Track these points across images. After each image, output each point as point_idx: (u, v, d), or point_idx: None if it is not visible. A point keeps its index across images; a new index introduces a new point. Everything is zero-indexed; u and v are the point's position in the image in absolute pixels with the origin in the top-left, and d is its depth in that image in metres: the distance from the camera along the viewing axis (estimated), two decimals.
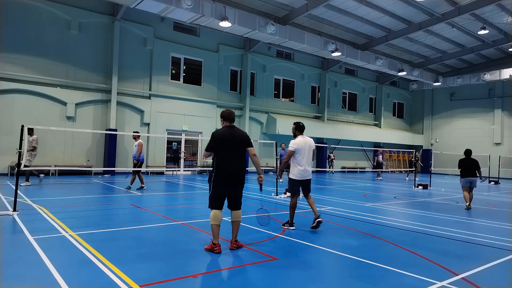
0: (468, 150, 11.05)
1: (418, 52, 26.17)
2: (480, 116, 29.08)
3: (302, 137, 6.67)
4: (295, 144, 6.53)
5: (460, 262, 5.01)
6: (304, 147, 6.53)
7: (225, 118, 5.23)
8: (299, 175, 6.52)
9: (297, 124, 6.81)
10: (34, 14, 15.47)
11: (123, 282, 3.76)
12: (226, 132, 5.11)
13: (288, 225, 6.65)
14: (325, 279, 4.23)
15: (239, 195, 5.26)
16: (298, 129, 6.75)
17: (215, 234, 5.01)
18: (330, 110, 27.06)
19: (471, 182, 10.50)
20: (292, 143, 6.56)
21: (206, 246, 5.10)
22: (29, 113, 15.19)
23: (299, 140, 6.57)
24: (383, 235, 6.45)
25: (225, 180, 5.03)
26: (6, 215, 6.87)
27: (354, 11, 19.91)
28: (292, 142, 6.60)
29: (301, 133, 6.73)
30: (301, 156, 6.52)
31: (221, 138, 5.06)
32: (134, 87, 18.22)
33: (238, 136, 5.15)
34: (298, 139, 6.60)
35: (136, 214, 7.85)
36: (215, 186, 5.07)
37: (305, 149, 6.53)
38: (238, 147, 5.12)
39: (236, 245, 5.18)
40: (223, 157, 5.03)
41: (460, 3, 18.80)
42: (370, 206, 10.13)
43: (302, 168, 6.51)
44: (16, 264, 4.22)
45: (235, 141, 5.09)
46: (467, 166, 10.62)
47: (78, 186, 12.59)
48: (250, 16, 17.31)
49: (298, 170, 6.52)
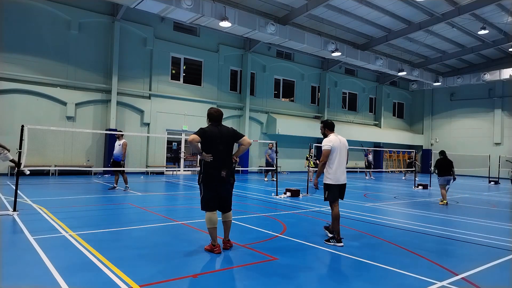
0: (443, 151, 11.82)
1: (418, 52, 26.17)
2: (480, 116, 29.07)
3: (335, 135, 5.88)
4: (330, 141, 5.73)
5: (460, 262, 5.01)
6: (339, 146, 5.76)
7: (211, 117, 5.12)
8: (336, 178, 5.72)
9: (325, 122, 6.03)
10: (34, 14, 15.47)
11: (123, 282, 3.76)
12: (214, 129, 4.99)
13: (334, 241, 5.61)
14: (325, 279, 4.23)
15: (230, 195, 5.19)
16: (327, 126, 5.97)
17: (213, 236, 4.98)
18: (330, 110, 27.06)
19: (448, 181, 11.26)
20: (327, 141, 5.77)
21: (206, 247, 5.09)
22: (29, 113, 15.19)
23: (333, 138, 5.79)
24: (383, 235, 6.45)
25: (215, 179, 4.93)
26: (6, 215, 6.87)
27: (354, 11, 19.91)
28: (326, 140, 5.81)
29: (332, 131, 5.95)
30: (336, 156, 5.73)
31: (211, 135, 4.90)
32: (134, 87, 18.22)
33: (225, 133, 5.04)
34: (332, 136, 5.82)
35: (136, 214, 7.85)
36: (206, 187, 4.96)
37: (340, 148, 5.77)
38: (227, 145, 5.01)
39: (230, 244, 5.20)
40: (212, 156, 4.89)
41: (460, 3, 18.80)
42: (370, 206, 10.12)
43: (339, 170, 5.74)
44: (16, 264, 4.22)
45: (222, 138, 4.97)
46: (444, 166, 11.32)
47: (78, 186, 12.59)
48: (250, 16, 17.31)
49: (334, 173, 5.72)
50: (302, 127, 23.99)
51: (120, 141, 11.52)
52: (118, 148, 11.50)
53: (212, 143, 4.90)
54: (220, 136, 4.96)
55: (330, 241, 5.68)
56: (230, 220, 5.20)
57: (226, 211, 5.16)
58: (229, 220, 5.20)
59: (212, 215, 4.98)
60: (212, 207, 5.00)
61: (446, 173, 11.22)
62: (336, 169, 5.70)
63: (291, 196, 11.29)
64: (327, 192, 5.81)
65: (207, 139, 4.88)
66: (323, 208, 9.23)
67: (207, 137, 4.88)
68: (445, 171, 11.23)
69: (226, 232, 5.21)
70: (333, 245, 5.55)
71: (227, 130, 5.10)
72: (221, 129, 5.06)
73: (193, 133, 4.89)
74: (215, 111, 5.16)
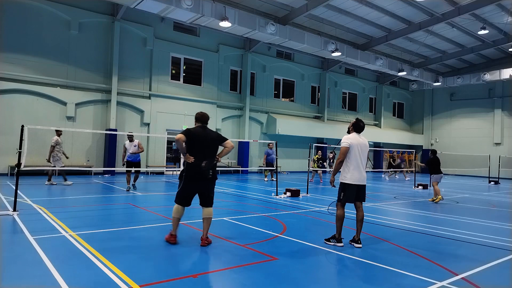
0: (435, 150, 12.44)
1: (418, 52, 26.17)
2: (480, 116, 29.06)
3: (356, 134, 5.75)
4: (348, 139, 5.62)
5: (460, 262, 5.01)
6: (357, 145, 5.60)
7: (198, 119, 5.44)
8: (354, 178, 5.55)
9: (357, 122, 5.82)
10: (34, 14, 15.46)
11: (123, 282, 3.76)
12: (199, 131, 5.30)
13: (335, 241, 5.61)
14: (325, 279, 4.23)
15: (211, 192, 5.38)
16: (354, 126, 5.81)
17: (174, 226, 5.34)
18: (330, 110, 27.06)
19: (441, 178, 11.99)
20: (345, 138, 5.67)
21: (166, 236, 5.41)
22: (29, 113, 15.19)
23: (353, 136, 5.68)
24: (383, 235, 6.46)
25: (196, 178, 5.20)
26: (6, 215, 6.87)
27: (354, 11, 19.91)
28: (345, 137, 5.73)
29: (357, 132, 5.78)
30: (356, 155, 5.59)
31: (196, 135, 5.21)
32: (134, 87, 18.21)
33: (210, 135, 5.35)
34: (352, 135, 5.72)
35: (136, 214, 7.85)
36: (185, 184, 5.26)
37: (359, 147, 5.61)
38: (211, 146, 5.29)
39: (207, 242, 5.28)
40: (195, 155, 5.16)
41: (460, 3, 18.80)
42: (370, 206, 10.12)
43: (357, 169, 5.57)
44: (16, 264, 4.22)
45: (207, 140, 5.26)
46: (437, 164, 11.97)
47: (78, 186, 12.59)
48: (250, 16, 17.31)
49: (352, 172, 5.56)
50: (302, 127, 24.00)
51: (135, 142, 11.55)
52: (134, 149, 11.46)
53: (196, 143, 5.19)
54: (205, 137, 5.26)
55: (330, 240, 5.67)
56: (210, 217, 5.36)
57: (205, 205, 5.36)
58: (209, 218, 5.35)
59: (181, 208, 5.34)
60: (183, 203, 5.33)
61: (439, 171, 11.91)
62: (354, 169, 5.55)
63: (291, 196, 11.29)
64: (342, 193, 5.66)
65: (192, 139, 5.18)
66: (323, 208, 9.23)
67: (192, 137, 5.18)
68: (438, 169, 11.92)
69: (205, 230, 5.34)
70: (333, 245, 5.55)
71: (212, 133, 5.43)
72: (207, 131, 5.37)
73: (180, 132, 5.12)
74: (201, 114, 5.47)
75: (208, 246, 5.27)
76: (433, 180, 11.96)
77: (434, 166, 11.95)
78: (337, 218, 5.70)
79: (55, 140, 12.33)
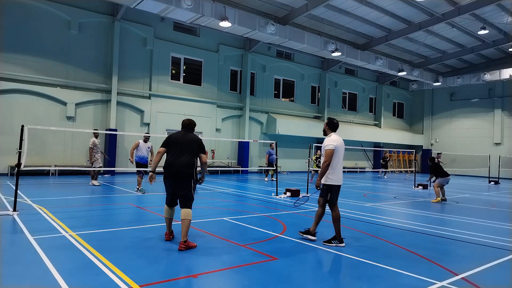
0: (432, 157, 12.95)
1: (418, 52, 26.17)
2: (480, 116, 29.06)
3: (337, 135, 5.76)
4: (334, 141, 5.59)
5: (460, 262, 5.01)
6: (341, 147, 5.65)
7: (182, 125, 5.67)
8: (338, 178, 5.61)
9: (331, 121, 5.86)
10: (34, 14, 15.46)
11: (123, 282, 3.76)
12: (178, 134, 5.51)
13: (337, 242, 5.56)
14: (325, 279, 4.23)
15: (184, 192, 5.28)
16: (331, 126, 5.82)
17: (166, 224, 5.61)
18: (330, 110, 27.05)
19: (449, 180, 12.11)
20: (331, 141, 5.60)
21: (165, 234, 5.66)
22: (29, 113, 15.19)
23: (336, 138, 5.67)
24: (383, 235, 6.45)
25: (168, 176, 5.34)
26: (6, 215, 6.87)
27: (354, 11, 19.91)
28: (329, 139, 5.65)
29: (334, 131, 5.81)
30: (339, 156, 5.62)
31: (173, 138, 5.46)
32: (134, 87, 18.21)
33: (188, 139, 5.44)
34: (334, 136, 5.70)
35: (136, 214, 7.85)
36: (164, 184, 5.47)
37: (341, 149, 5.67)
38: (185, 147, 5.34)
39: (185, 246, 5.01)
40: (169, 155, 5.37)
41: (460, 3, 18.80)
42: (370, 206, 10.12)
43: (340, 170, 5.64)
44: (16, 264, 4.22)
45: (183, 141, 5.38)
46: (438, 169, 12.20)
47: (78, 186, 12.59)
48: (250, 16, 17.31)
49: (337, 173, 5.60)
50: (302, 127, 23.99)
51: (149, 144, 11.51)
52: (146, 151, 11.38)
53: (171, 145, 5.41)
54: (181, 141, 5.38)
55: (331, 242, 5.59)
56: (186, 219, 5.15)
57: (181, 206, 5.29)
58: (185, 219, 5.14)
59: (167, 208, 5.55)
60: (168, 203, 5.53)
61: (443, 175, 11.96)
62: (338, 170, 5.62)
63: (291, 196, 11.29)
64: (329, 194, 5.67)
65: (169, 143, 5.43)
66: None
67: (170, 141, 5.44)
68: (442, 173, 12.02)
69: (182, 232, 5.09)
70: (335, 246, 5.51)
71: (192, 138, 5.49)
72: (186, 135, 5.48)
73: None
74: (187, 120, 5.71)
75: (208, 246, 5.25)
76: (436, 182, 11.98)
77: (436, 171, 12.11)
78: (334, 219, 5.65)
79: (92, 142, 12.45)
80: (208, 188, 13.18)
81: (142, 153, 11.35)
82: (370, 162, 30.32)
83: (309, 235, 5.87)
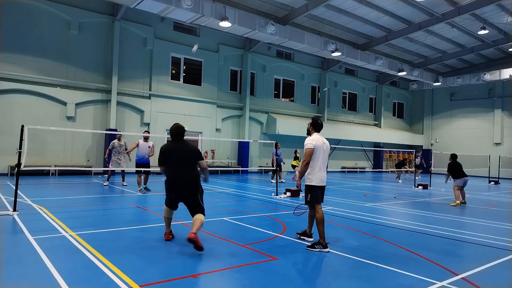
0: (456, 155, 11.95)
1: (418, 52, 26.17)
2: (480, 116, 29.07)
3: (319, 135, 5.77)
4: (313, 140, 5.59)
5: (460, 262, 5.02)
6: (321, 146, 5.61)
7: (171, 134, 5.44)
8: (319, 179, 5.55)
9: (315, 120, 5.89)
10: (34, 14, 15.46)
11: (123, 282, 3.76)
12: (173, 146, 5.38)
13: (320, 247, 5.27)
14: (325, 279, 4.23)
15: (192, 204, 5.28)
16: (314, 126, 5.83)
17: (166, 224, 5.62)
18: (330, 110, 27.06)
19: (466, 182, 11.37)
20: (310, 140, 5.63)
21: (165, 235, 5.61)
22: (29, 113, 15.19)
23: (317, 137, 5.67)
24: (383, 235, 6.45)
25: (171, 188, 5.36)
26: (6, 215, 6.87)
27: (354, 11, 19.90)
28: (309, 139, 5.68)
29: (317, 132, 5.81)
30: (319, 156, 5.59)
31: (168, 152, 5.34)
32: (134, 87, 18.21)
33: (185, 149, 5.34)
34: (315, 136, 5.72)
35: (136, 214, 7.85)
36: (166, 190, 5.49)
37: (322, 149, 5.62)
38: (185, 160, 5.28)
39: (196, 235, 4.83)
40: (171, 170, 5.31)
41: (460, 3, 18.80)
42: (370, 206, 10.13)
43: (322, 171, 5.57)
44: (16, 264, 4.22)
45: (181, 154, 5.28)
46: (457, 168, 11.47)
47: (78, 186, 12.59)
48: (250, 16, 17.31)
49: (317, 174, 5.54)
50: (302, 127, 23.78)
51: (150, 143, 11.37)
52: (146, 150, 11.24)
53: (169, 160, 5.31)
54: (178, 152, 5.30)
55: (315, 246, 5.29)
56: (199, 219, 5.14)
57: (193, 214, 5.27)
58: (198, 219, 5.14)
59: (167, 208, 5.55)
60: (169, 205, 5.52)
61: (460, 175, 11.32)
62: (319, 170, 5.54)
63: (291, 196, 11.29)
64: (309, 195, 5.58)
65: (165, 155, 5.35)
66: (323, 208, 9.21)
67: (166, 156, 5.34)
68: (460, 173, 11.36)
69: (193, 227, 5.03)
70: (318, 251, 5.23)
71: (189, 148, 5.37)
72: (182, 146, 5.36)
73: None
74: (174, 128, 5.44)
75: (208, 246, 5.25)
76: (454, 184, 11.41)
77: (454, 171, 11.48)
78: (317, 221, 5.44)
79: (111, 144, 12.52)
80: (208, 188, 13.18)
81: (141, 153, 11.26)
82: (370, 162, 30.32)
83: (305, 236, 5.88)
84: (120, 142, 12.53)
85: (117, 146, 12.52)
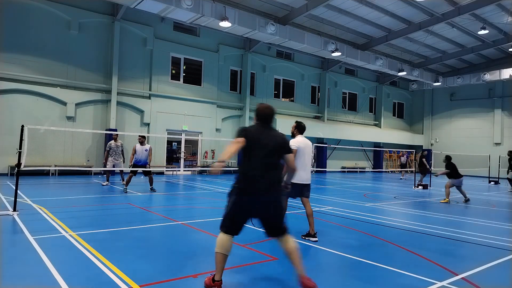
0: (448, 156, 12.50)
1: (418, 52, 26.17)
2: (480, 116, 29.06)
3: (302, 137, 6.25)
4: (297, 142, 6.05)
5: (460, 262, 5.01)
6: (305, 148, 6.11)
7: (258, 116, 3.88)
8: (299, 177, 5.88)
9: (298, 123, 6.34)
10: (34, 14, 15.46)
11: (123, 282, 3.76)
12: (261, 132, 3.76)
13: (310, 237, 5.94)
14: (325, 279, 4.22)
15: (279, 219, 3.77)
16: (298, 128, 6.27)
17: (217, 267, 3.67)
18: (330, 110, 27.06)
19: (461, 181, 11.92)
20: (294, 142, 6.03)
21: (206, 280, 3.76)
22: (29, 113, 15.19)
23: (300, 139, 6.14)
24: (383, 235, 6.45)
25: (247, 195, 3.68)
26: (6, 215, 6.87)
27: (354, 11, 19.90)
28: (293, 141, 6.07)
29: (301, 134, 6.28)
30: (302, 156, 6.05)
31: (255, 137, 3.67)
32: (134, 87, 18.21)
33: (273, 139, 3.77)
34: (300, 138, 6.18)
35: (136, 214, 7.84)
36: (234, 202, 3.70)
37: (305, 150, 6.12)
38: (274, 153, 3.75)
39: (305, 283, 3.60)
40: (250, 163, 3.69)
41: (460, 3, 18.80)
42: (370, 206, 10.12)
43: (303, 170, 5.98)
44: (16, 264, 4.22)
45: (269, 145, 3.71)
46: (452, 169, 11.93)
47: (78, 186, 12.59)
48: (250, 16, 17.31)
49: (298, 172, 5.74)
50: None
51: (146, 146, 11.41)
52: (144, 154, 11.31)
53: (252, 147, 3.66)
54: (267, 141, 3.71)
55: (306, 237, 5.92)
56: (292, 247, 3.70)
57: (276, 234, 3.78)
58: (292, 247, 3.69)
59: (226, 238, 3.69)
60: (228, 229, 3.71)
61: (456, 176, 11.77)
62: (300, 169, 5.73)
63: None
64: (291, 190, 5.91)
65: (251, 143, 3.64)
66: (323, 208, 9.23)
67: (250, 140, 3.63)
68: (455, 173, 11.81)
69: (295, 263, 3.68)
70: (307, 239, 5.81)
71: (279, 140, 3.80)
72: (271, 134, 3.80)
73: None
74: (265, 107, 3.88)
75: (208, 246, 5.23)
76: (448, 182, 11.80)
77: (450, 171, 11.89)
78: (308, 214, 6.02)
79: (108, 146, 12.58)
80: (208, 188, 13.18)
81: (139, 156, 11.37)
82: (370, 162, 30.31)
83: (310, 237, 5.95)
84: (117, 143, 12.61)
85: (114, 147, 12.59)
